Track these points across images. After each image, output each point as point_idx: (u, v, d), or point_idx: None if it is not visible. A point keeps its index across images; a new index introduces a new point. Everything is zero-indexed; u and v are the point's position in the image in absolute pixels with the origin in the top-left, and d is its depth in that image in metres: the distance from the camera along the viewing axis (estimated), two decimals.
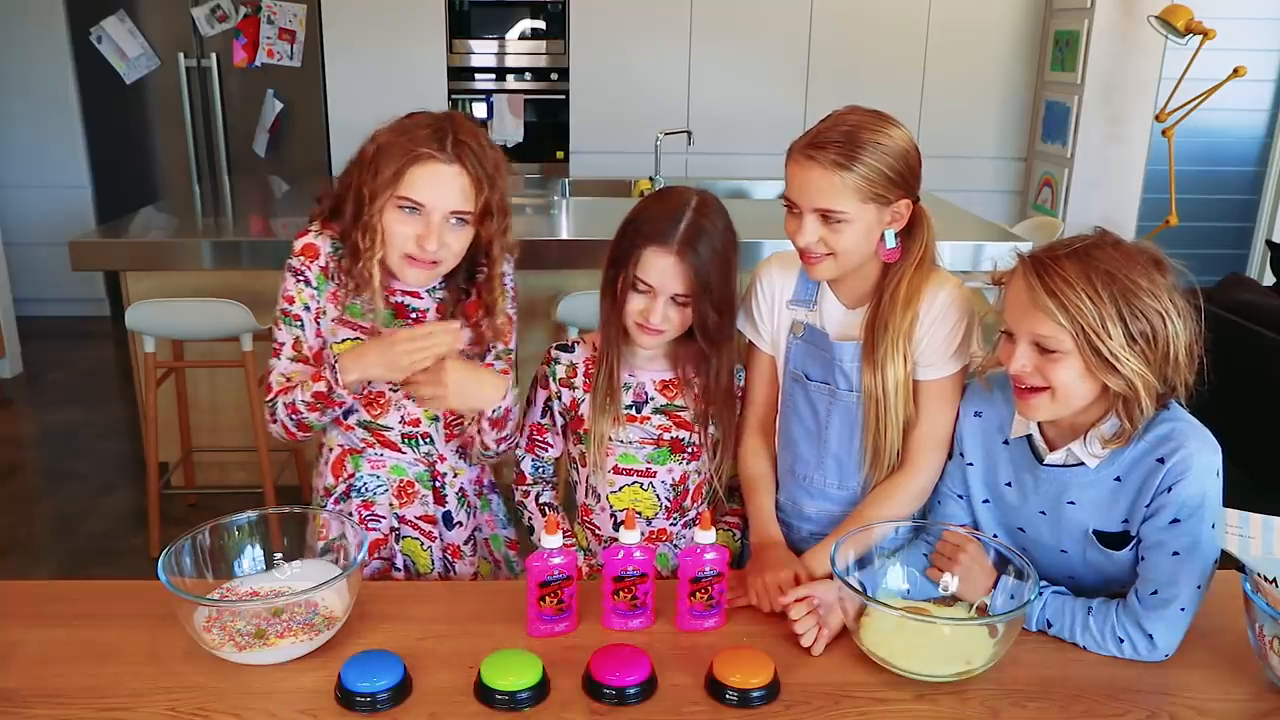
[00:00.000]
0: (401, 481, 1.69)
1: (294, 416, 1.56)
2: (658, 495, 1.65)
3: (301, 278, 1.57)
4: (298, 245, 1.58)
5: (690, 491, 1.67)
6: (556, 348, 1.69)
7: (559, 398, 1.68)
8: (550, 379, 1.68)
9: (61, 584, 2.07)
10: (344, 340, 1.59)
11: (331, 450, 1.69)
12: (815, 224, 1.46)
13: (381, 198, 1.48)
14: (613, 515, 1.66)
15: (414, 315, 1.61)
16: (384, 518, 1.69)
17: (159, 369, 2.95)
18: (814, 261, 1.50)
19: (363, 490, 1.68)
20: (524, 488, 1.74)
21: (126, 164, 5.21)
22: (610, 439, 1.63)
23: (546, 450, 1.72)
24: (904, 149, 1.46)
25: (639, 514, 1.65)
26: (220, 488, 3.37)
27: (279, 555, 1.47)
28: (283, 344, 1.59)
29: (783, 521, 1.66)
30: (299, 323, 1.58)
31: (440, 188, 1.48)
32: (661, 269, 1.51)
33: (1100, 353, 1.24)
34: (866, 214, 1.45)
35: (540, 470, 1.74)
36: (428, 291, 1.62)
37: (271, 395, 1.59)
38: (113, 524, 3.26)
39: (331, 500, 1.68)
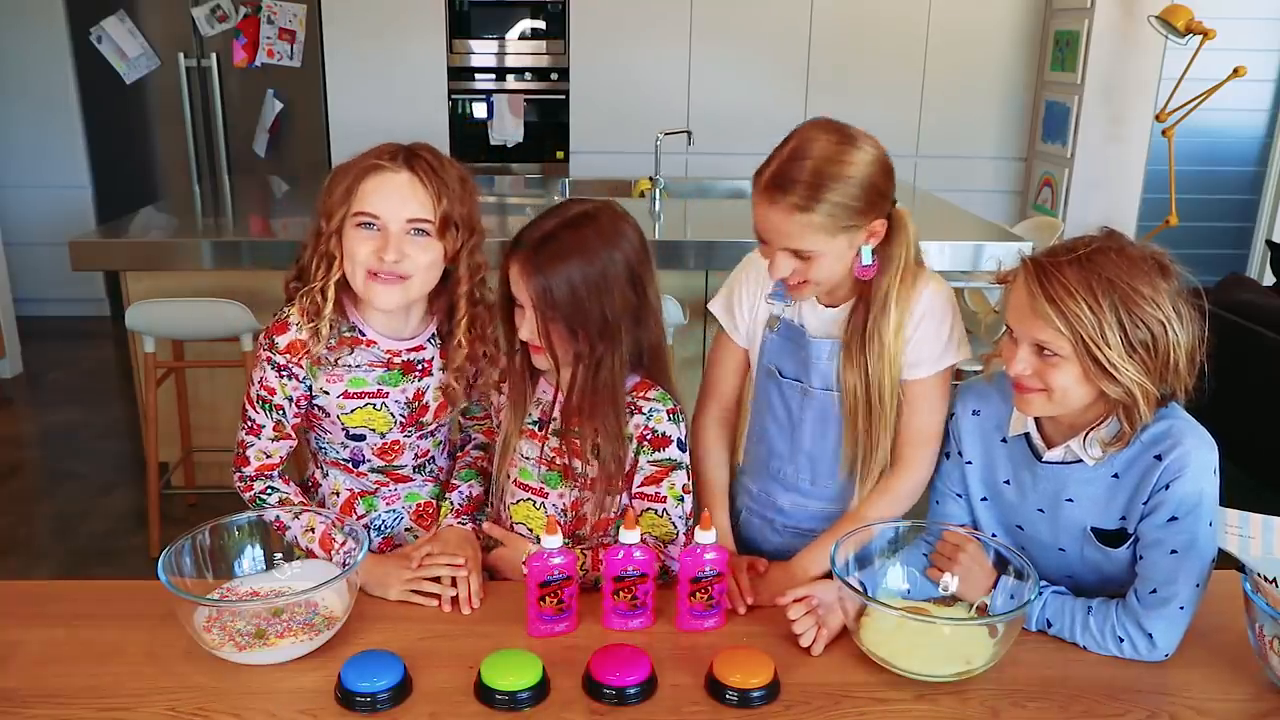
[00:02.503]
0: (418, 506, 1.68)
1: (278, 528, 1.50)
2: (547, 517, 1.56)
3: (286, 373, 1.52)
4: (281, 342, 1.50)
5: (588, 521, 1.55)
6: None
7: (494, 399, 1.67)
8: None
9: (61, 584, 2.07)
10: (353, 411, 1.56)
11: (338, 494, 1.66)
12: (787, 259, 1.45)
13: (336, 217, 1.46)
14: (512, 527, 1.60)
15: (420, 367, 1.59)
16: (400, 545, 1.67)
17: (159, 369, 2.95)
18: (792, 288, 1.50)
19: (381, 528, 1.67)
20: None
21: (126, 164, 5.21)
22: (515, 450, 1.58)
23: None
24: (869, 177, 1.40)
25: (529, 529, 1.58)
26: (220, 488, 3.36)
27: (279, 555, 1.47)
28: (262, 425, 1.55)
29: (756, 514, 1.68)
30: (280, 411, 1.54)
31: (393, 196, 1.44)
32: (515, 277, 1.44)
33: (1099, 361, 1.24)
34: (837, 244, 1.43)
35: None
36: (429, 341, 1.60)
37: (252, 470, 1.56)
38: (113, 524, 3.26)
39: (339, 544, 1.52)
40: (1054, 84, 5.04)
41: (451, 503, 1.63)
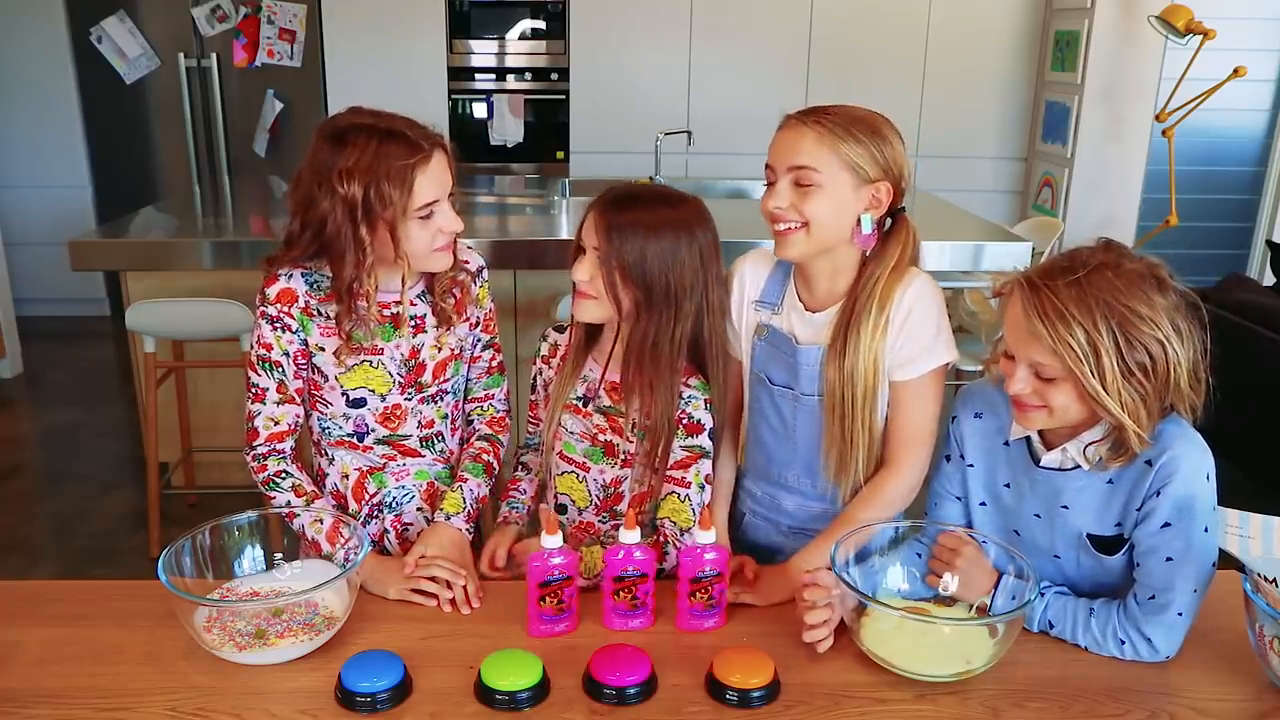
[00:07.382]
0: (427, 485, 1.69)
1: (288, 516, 1.53)
2: (589, 491, 1.64)
3: (280, 324, 1.54)
4: (271, 292, 1.54)
5: (625, 497, 1.62)
6: (554, 327, 1.72)
7: (541, 374, 1.71)
8: (538, 355, 1.72)
9: (61, 584, 2.06)
10: (353, 366, 1.58)
11: (347, 476, 1.66)
12: (787, 187, 1.45)
13: (403, 223, 1.47)
14: (556, 496, 1.67)
15: (414, 323, 1.60)
16: (411, 524, 1.69)
17: (159, 369, 2.96)
18: (785, 233, 1.47)
19: (394, 505, 1.68)
20: (518, 448, 1.80)
21: (126, 164, 5.21)
22: (560, 424, 1.63)
23: (536, 425, 1.75)
24: (889, 138, 1.46)
25: (571, 500, 1.65)
26: (220, 488, 3.37)
27: (279, 555, 1.47)
28: (265, 389, 1.56)
29: (761, 517, 1.68)
30: (280, 369, 1.56)
31: (440, 178, 1.51)
32: (588, 223, 1.51)
33: (1087, 389, 1.23)
34: (840, 183, 1.43)
35: (531, 440, 1.78)
36: (419, 297, 1.62)
37: (262, 442, 1.56)
38: (113, 524, 3.26)
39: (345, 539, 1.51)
40: (1054, 84, 5.04)
41: (463, 499, 1.63)
